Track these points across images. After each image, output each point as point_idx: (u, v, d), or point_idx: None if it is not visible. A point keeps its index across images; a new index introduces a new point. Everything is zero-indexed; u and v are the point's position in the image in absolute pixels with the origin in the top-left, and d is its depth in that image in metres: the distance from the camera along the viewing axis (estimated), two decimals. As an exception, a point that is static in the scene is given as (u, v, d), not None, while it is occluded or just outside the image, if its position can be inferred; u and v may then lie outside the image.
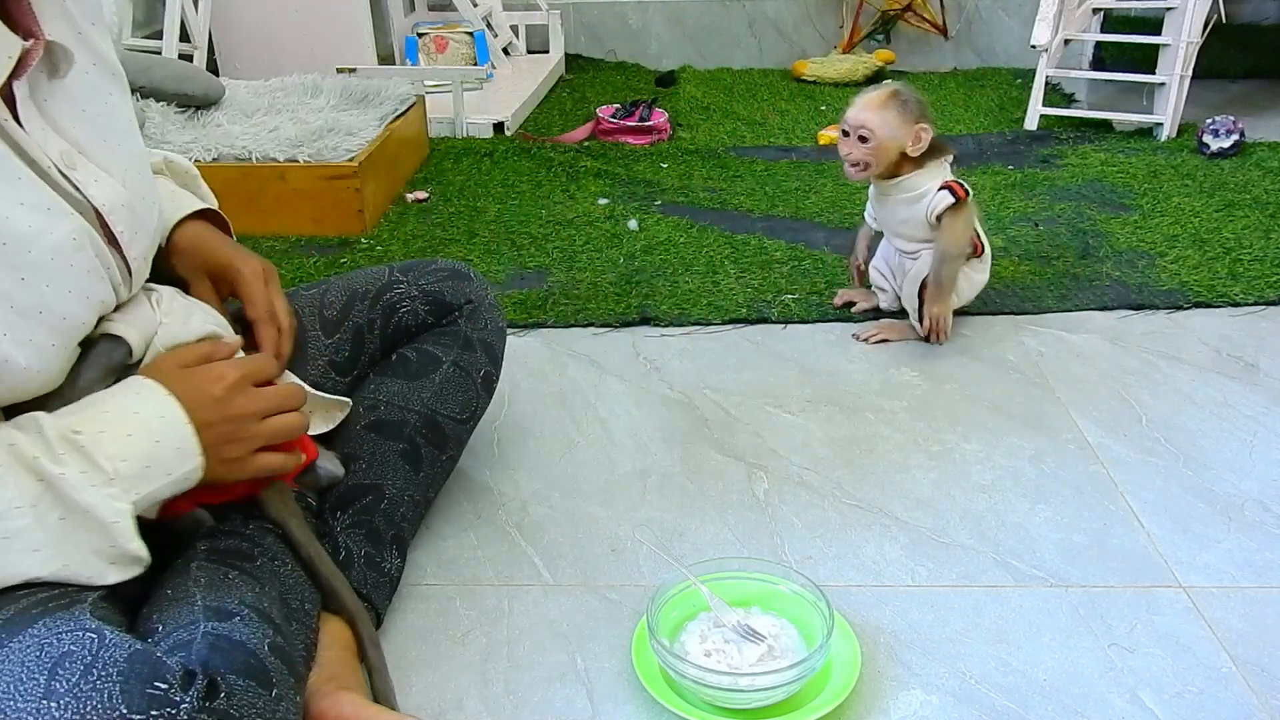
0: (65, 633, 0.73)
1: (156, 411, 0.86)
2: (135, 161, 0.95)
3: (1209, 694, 1.00)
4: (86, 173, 0.88)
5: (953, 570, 1.19)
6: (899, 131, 1.60)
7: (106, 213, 0.88)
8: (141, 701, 0.70)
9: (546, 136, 2.87)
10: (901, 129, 1.60)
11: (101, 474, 0.81)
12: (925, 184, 1.64)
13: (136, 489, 0.83)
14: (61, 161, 0.86)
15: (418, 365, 1.22)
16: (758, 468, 1.39)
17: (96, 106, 0.91)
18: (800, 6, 3.75)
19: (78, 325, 0.86)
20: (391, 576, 1.11)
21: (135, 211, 0.92)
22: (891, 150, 1.61)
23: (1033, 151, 2.68)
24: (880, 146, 1.60)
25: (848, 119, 1.62)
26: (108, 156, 0.90)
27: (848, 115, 1.63)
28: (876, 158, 1.62)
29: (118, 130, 0.93)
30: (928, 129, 1.60)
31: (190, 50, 3.05)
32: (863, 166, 1.63)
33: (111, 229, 0.89)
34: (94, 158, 0.89)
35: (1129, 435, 1.44)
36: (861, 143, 1.61)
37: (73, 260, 0.84)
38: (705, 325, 1.80)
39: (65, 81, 0.87)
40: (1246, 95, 3.19)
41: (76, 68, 0.88)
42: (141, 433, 0.84)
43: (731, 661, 1.00)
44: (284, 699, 0.81)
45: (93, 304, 0.88)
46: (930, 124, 1.61)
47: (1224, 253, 2.00)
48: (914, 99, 1.61)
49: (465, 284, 1.28)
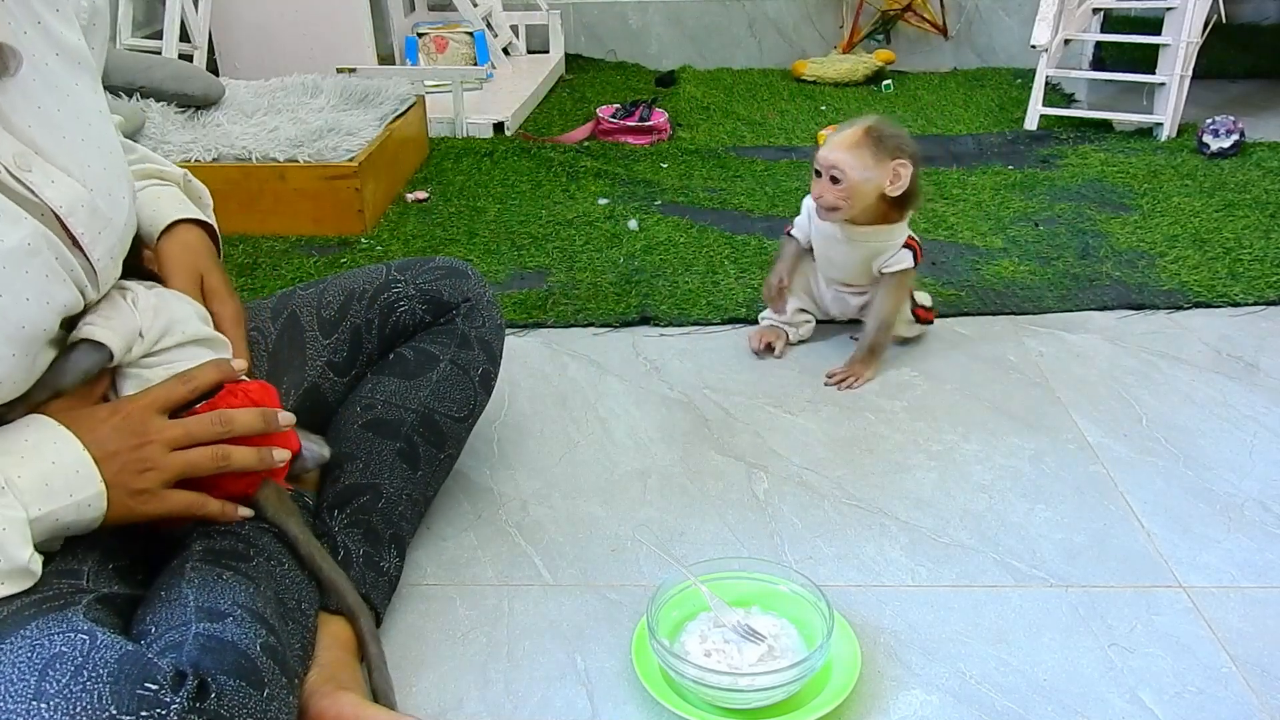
0: (57, 634, 0.73)
1: (50, 437, 0.85)
2: (101, 156, 0.91)
3: (1209, 694, 1.00)
4: (42, 174, 0.84)
5: (953, 570, 1.19)
6: (873, 172, 1.49)
7: (65, 215, 0.85)
8: (131, 702, 0.70)
9: (546, 136, 2.87)
10: (876, 169, 1.49)
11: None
12: (896, 239, 1.57)
13: (36, 504, 0.81)
14: (14, 164, 0.82)
15: (415, 364, 1.22)
16: (758, 468, 1.39)
17: (56, 101, 0.87)
18: (800, 6, 3.75)
19: (38, 333, 0.83)
20: (390, 576, 1.11)
21: (98, 210, 0.89)
22: (866, 192, 1.50)
23: (1033, 151, 2.68)
24: (853, 188, 1.49)
25: (818, 159, 1.51)
26: (67, 155, 0.87)
27: (818, 155, 1.52)
28: (849, 200, 1.51)
29: (80, 124, 0.89)
30: (906, 165, 1.49)
31: (190, 50, 3.05)
32: (836, 209, 1.52)
33: (72, 231, 0.86)
34: (52, 157, 0.85)
35: (1129, 435, 1.44)
36: (834, 183, 1.50)
37: (28, 266, 0.81)
38: (705, 325, 1.80)
39: (17, 79, 0.83)
40: (1246, 95, 3.19)
41: (35, 61, 0.84)
42: (35, 455, 0.83)
43: (731, 661, 1.00)
44: (276, 699, 0.81)
45: (54, 309, 0.84)
46: (911, 159, 1.50)
47: (1224, 253, 2.00)
48: (890, 134, 1.51)
49: (463, 282, 1.28)
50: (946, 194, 2.38)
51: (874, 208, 1.53)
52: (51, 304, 0.84)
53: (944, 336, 1.73)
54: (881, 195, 1.52)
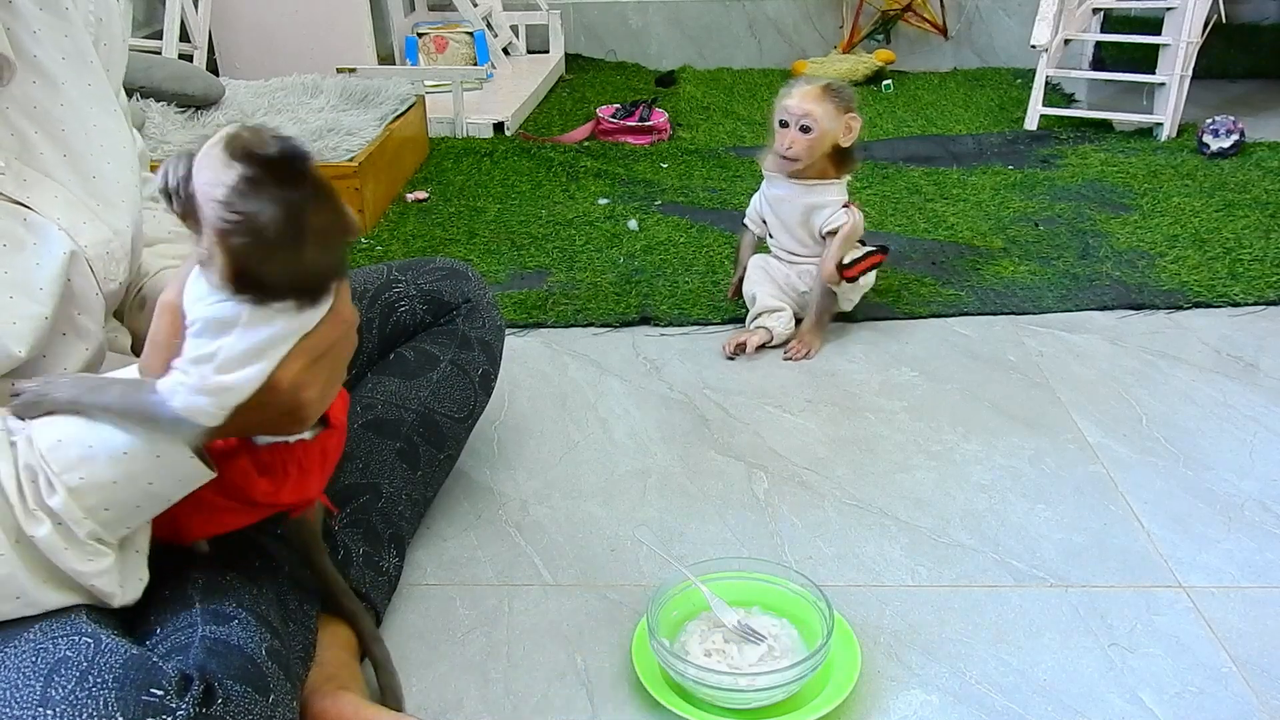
0: (61, 637, 0.72)
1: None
2: (100, 156, 0.87)
3: (1209, 694, 1.00)
4: (37, 187, 0.82)
5: (953, 570, 1.19)
6: (835, 123, 1.63)
7: (63, 226, 0.82)
8: (137, 709, 0.69)
9: (546, 136, 2.87)
10: (837, 120, 1.63)
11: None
12: (835, 195, 1.69)
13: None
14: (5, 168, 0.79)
15: (415, 364, 1.22)
16: (758, 468, 1.39)
17: (51, 107, 0.84)
18: (800, 6, 3.75)
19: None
20: (390, 575, 1.11)
21: (89, 211, 0.85)
22: (827, 142, 1.64)
23: (1033, 151, 2.68)
24: (820, 137, 1.63)
25: (790, 109, 1.63)
26: (59, 163, 0.84)
27: (788, 105, 1.63)
28: (813, 150, 1.64)
29: (84, 126, 0.86)
30: (857, 119, 1.65)
31: (190, 50, 3.05)
32: (798, 160, 1.64)
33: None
34: (36, 164, 0.83)
35: (1129, 435, 1.44)
36: (803, 133, 1.62)
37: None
38: (705, 325, 1.80)
39: (9, 89, 0.81)
40: (1246, 95, 3.19)
41: (39, 66, 0.82)
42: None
43: (731, 661, 1.00)
44: (281, 704, 0.81)
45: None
46: (858, 115, 1.65)
47: (1224, 253, 2.00)
48: (845, 89, 1.65)
49: (463, 283, 1.28)
50: (946, 194, 2.38)
51: (819, 162, 1.67)
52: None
53: (944, 336, 1.73)
54: (830, 149, 1.66)
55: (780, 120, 1.65)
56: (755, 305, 1.73)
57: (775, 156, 1.67)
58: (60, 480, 0.73)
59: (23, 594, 0.74)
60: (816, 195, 1.69)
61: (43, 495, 0.73)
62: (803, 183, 1.69)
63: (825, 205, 1.69)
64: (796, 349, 1.69)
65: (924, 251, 2.05)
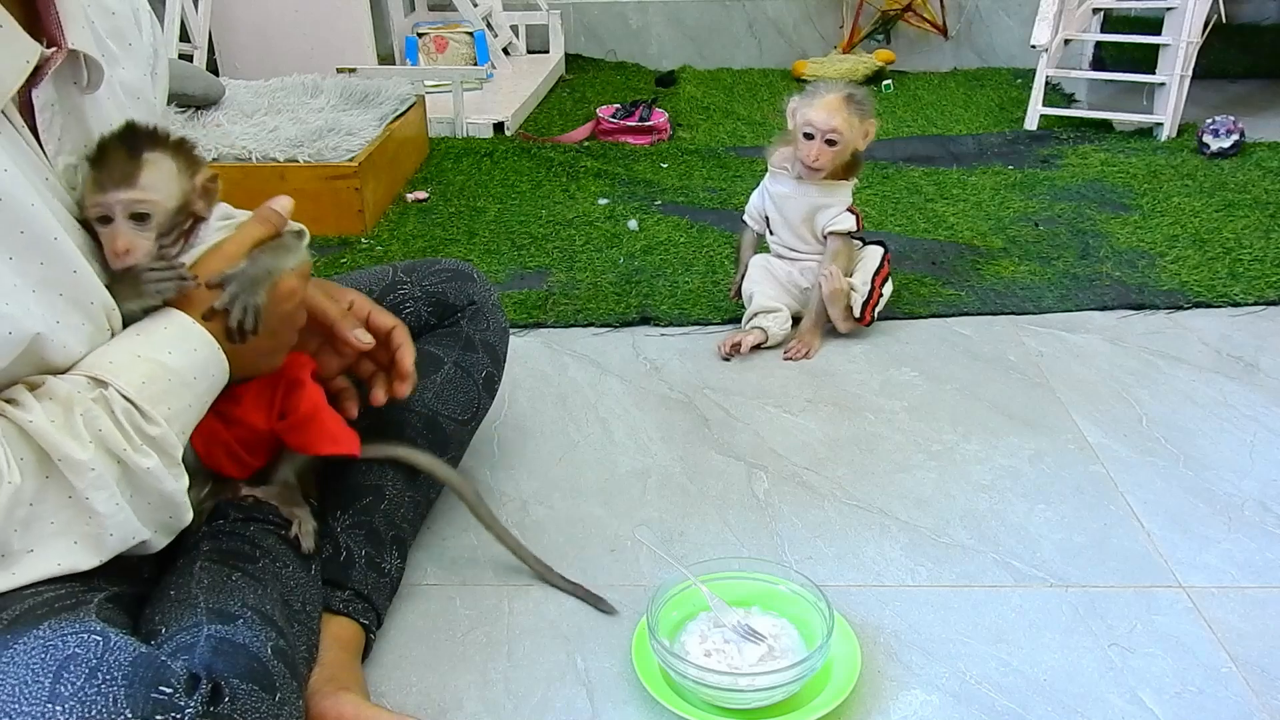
0: (70, 635, 0.72)
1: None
2: None
3: (1209, 694, 1.00)
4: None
5: (953, 570, 1.19)
6: (856, 132, 1.66)
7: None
8: (147, 706, 0.70)
9: (546, 136, 2.87)
10: (858, 129, 1.66)
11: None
12: (842, 197, 1.71)
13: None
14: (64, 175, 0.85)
15: (419, 366, 1.22)
16: (758, 468, 1.39)
17: (117, 123, 0.90)
18: (800, 6, 3.75)
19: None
20: (392, 577, 1.11)
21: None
22: (848, 151, 1.67)
23: (1033, 151, 2.68)
24: (844, 148, 1.65)
25: (816, 123, 1.63)
26: None
27: (814, 119, 1.63)
28: (836, 160, 1.66)
29: None
30: (874, 124, 1.68)
31: (190, 50, 3.05)
32: (822, 169, 1.66)
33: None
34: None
35: (1129, 435, 1.44)
36: (829, 145, 1.64)
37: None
38: (705, 325, 1.80)
39: (93, 96, 0.88)
40: (1246, 95, 3.19)
41: (109, 83, 0.88)
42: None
43: (731, 661, 1.00)
44: (287, 703, 0.81)
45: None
46: (874, 120, 1.68)
47: (1224, 253, 2.00)
48: (864, 97, 1.67)
49: (468, 285, 1.28)
50: (946, 194, 2.38)
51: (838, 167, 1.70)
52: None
53: (944, 336, 1.74)
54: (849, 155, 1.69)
55: (805, 133, 1.65)
56: (752, 305, 1.73)
57: (797, 163, 1.68)
58: (155, 412, 0.84)
59: (137, 534, 0.84)
60: (824, 196, 1.70)
61: (146, 430, 0.83)
62: (824, 184, 1.70)
63: (830, 206, 1.70)
64: (796, 348, 1.69)
65: (924, 251, 2.06)
